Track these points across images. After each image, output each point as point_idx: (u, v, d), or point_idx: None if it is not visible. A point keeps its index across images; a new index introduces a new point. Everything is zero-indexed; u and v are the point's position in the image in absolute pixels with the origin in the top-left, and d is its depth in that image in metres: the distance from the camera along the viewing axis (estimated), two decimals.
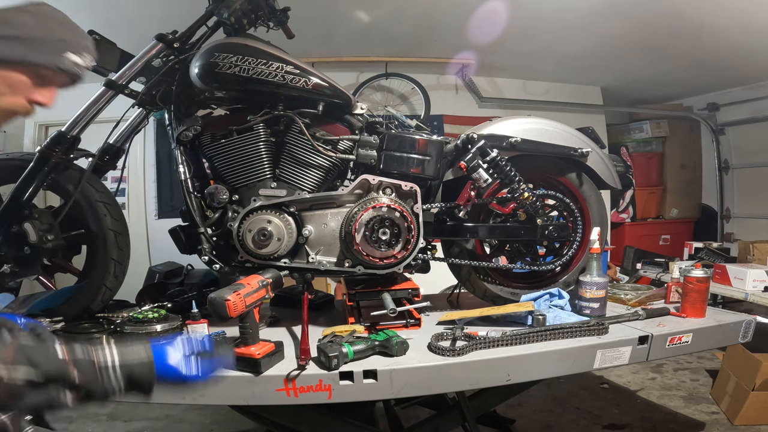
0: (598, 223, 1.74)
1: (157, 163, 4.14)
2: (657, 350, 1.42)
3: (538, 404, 2.63)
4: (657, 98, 5.01)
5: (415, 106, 4.07)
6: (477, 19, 3.06)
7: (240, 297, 1.12)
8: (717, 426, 2.34)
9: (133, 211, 4.11)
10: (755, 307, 2.64)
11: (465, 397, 1.68)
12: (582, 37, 3.40)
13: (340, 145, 1.58)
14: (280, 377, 1.17)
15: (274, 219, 1.47)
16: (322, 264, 1.53)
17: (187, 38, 1.54)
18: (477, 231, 1.66)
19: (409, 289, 1.58)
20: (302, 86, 1.48)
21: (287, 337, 1.48)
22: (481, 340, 1.34)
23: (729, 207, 4.94)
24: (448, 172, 1.64)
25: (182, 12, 1.69)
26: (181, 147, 1.50)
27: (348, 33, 3.43)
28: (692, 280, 1.59)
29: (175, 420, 2.62)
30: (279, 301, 1.91)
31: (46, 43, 0.91)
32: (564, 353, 1.33)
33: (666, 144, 4.94)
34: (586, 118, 4.37)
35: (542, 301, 1.63)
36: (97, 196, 1.52)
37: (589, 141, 1.70)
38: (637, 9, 2.91)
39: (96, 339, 1.34)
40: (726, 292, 2.68)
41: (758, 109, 4.43)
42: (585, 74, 4.34)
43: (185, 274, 3.31)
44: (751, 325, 1.55)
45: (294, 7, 1.60)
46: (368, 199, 1.52)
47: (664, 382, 2.93)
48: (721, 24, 3.03)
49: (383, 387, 1.20)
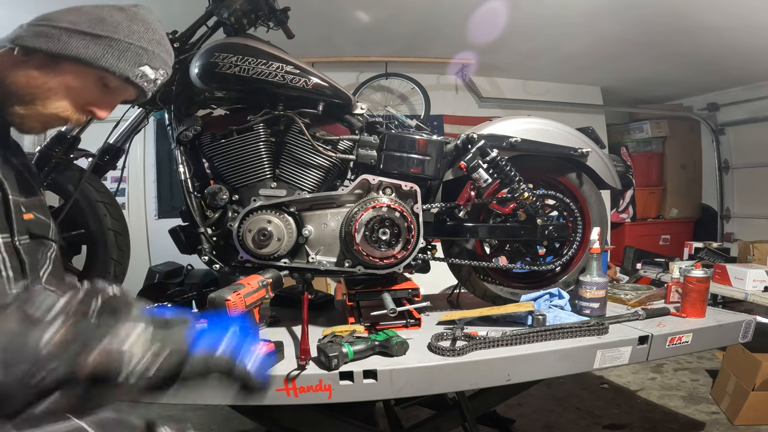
0: (598, 223, 1.74)
1: (157, 163, 4.14)
2: (657, 350, 1.42)
3: (538, 404, 2.63)
4: (657, 98, 5.01)
5: (415, 106, 4.07)
6: (477, 19, 3.06)
7: (240, 297, 1.12)
8: (717, 426, 2.34)
9: (133, 211, 4.10)
10: (755, 307, 2.64)
11: (465, 397, 1.68)
12: (582, 37, 3.40)
13: (340, 145, 1.58)
14: (280, 377, 1.17)
15: (274, 219, 1.47)
16: (322, 264, 1.53)
17: (187, 38, 1.54)
18: (477, 231, 1.66)
19: (409, 289, 1.58)
20: (302, 86, 1.48)
21: (287, 337, 1.48)
22: (481, 340, 1.34)
23: (729, 207, 4.94)
24: (448, 172, 1.64)
25: (182, 12, 1.68)
26: (181, 147, 1.50)
27: (348, 33, 3.43)
28: (692, 280, 1.59)
29: (176, 420, 2.62)
30: (279, 301, 1.91)
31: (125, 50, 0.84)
32: (564, 353, 1.33)
33: (666, 144, 4.94)
34: (586, 118, 4.37)
35: (542, 301, 1.63)
36: (97, 196, 1.52)
37: (589, 141, 1.70)
38: (637, 9, 2.91)
39: None
40: (726, 292, 2.68)
41: (758, 109, 4.43)
42: (585, 74, 4.34)
43: (185, 274, 3.32)
44: (751, 325, 1.55)
45: (294, 7, 1.60)
46: (368, 199, 1.52)
47: (664, 382, 2.93)
48: (721, 24, 3.03)
49: (383, 387, 1.20)
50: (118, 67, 0.84)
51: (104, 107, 0.89)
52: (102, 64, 0.82)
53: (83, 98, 0.85)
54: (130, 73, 0.85)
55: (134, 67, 0.86)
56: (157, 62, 0.89)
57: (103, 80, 0.85)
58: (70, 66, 0.82)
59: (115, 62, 0.83)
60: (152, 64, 0.88)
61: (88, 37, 0.82)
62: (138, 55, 0.86)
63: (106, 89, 0.87)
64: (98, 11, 0.85)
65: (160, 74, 0.91)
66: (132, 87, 0.89)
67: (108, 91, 0.87)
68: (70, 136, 1.49)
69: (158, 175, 4.14)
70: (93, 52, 0.81)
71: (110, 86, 0.86)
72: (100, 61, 0.82)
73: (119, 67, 0.84)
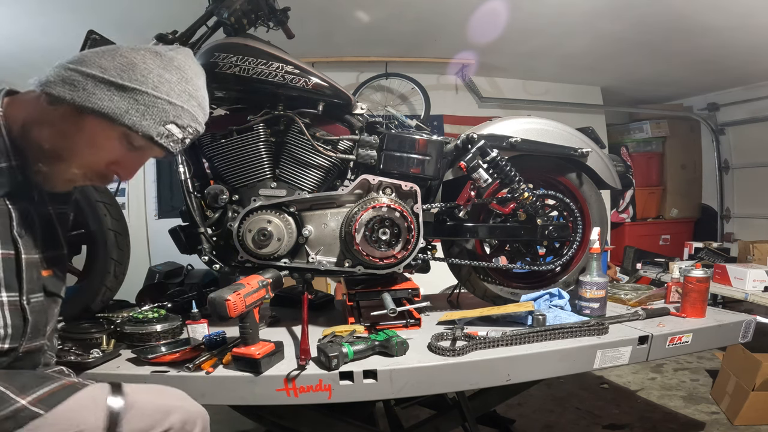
0: (598, 223, 1.74)
1: (157, 163, 4.13)
2: (657, 350, 1.42)
3: (538, 404, 2.63)
4: (657, 98, 5.01)
5: (415, 106, 4.07)
6: (477, 19, 3.06)
7: (240, 297, 1.12)
8: (717, 426, 2.34)
9: (133, 211, 4.11)
10: (755, 307, 2.64)
11: (465, 397, 1.68)
12: (582, 37, 3.40)
13: (340, 145, 1.58)
14: (280, 377, 1.17)
15: (274, 219, 1.47)
16: (322, 264, 1.53)
17: (187, 38, 1.54)
18: (477, 231, 1.66)
19: (409, 289, 1.58)
20: (302, 86, 1.48)
21: (287, 337, 1.48)
22: (481, 340, 1.34)
23: (729, 207, 4.94)
24: (448, 172, 1.64)
25: (182, 12, 1.69)
26: None
27: (348, 33, 3.43)
28: (692, 280, 1.59)
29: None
30: (279, 301, 1.91)
31: (151, 105, 0.76)
32: (564, 353, 1.33)
33: (666, 144, 4.94)
34: (586, 118, 4.37)
35: (542, 301, 1.63)
36: (97, 196, 1.52)
37: (589, 141, 1.70)
38: (637, 9, 2.91)
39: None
40: (726, 292, 2.67)
41: (758, 109, 4.43)
42: (585, 74, 4.34)
43: (185, 274, 3.31)
44: (751, 325, 1.55)
45: (294, 7, 1.60)
46: (368, 199, 1.52)
47: (664, 382, 2.93)
48: (721, 24, 3.03)
49: (383, 387, 1.20)
50: (141, 125, 0.76)
51: (128, 168, 0.82)
52: (124, 121, 0.75)
53: (107, 156, 0.79)
54: (154, 131, 0.78)
55: (158, 126, 0.78)
56: (185, 119, 0.80)
57: (127, 138, 0.78)
58: (94, 120, 0.75)
59: (138, 119, 0.76)
60: (179, 121, 0.80)
61: (113, 87, 0.74)
62: (164, 111, 0.78)
63: (132, 147, 0.80)
64: (132, 55, 0.77)
65: (189, 132, 0.82)
66: (157, 147, 0.81)
67: (133, 149, 0.80)
68: None
69: (158, 175, 4.14)
70: (117, 106, 0.74)
71: (135, 144, 0.79)
72: (123, 118, 0.75)
73: (143, 125, 0.76)
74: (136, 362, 1.26)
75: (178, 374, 1.19)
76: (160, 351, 1.26)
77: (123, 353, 1.33)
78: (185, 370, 1.19)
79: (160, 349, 1.28)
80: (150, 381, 1.18)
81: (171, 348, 1.28)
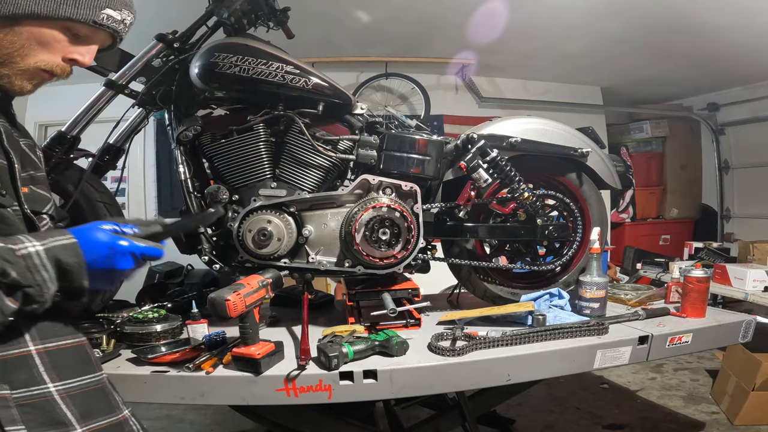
0: (598, 223, 1.74)
1: (157, 163, 4.14)
2: (657, 350, 1.42)
3: (538, 404, 2.63)
4: (657, 98, 5.01)
5: (415, 106, 4.07)
6: (477, 19, 3.07)
7: (240, 297, 1.12)
8: (717, 426, 2.34)
9: (133, 211, 4.11)
10: (755, 307, 2.64)
11: (465, 397, 1.68)
12: (582, 37, 3.40)
13: (340, 145, 1.58)
14: (280, 377, 1.17)
15: (274, 219, 1.47)
16: (322, 264, 1.53)
17: (187, 38, 1.54)
18: (477, 231, 1.66)
19: (409, 289, 1.58)
20: (302, 86, 1.48)
21: (287, 337, 1.48)
22: (481, 340, 1.34)
23: (729, 207, 4.94)
24: (448, 172, 1.64)
25: (182, 12, 1.69)
26: (181, 147, 1.50)
27: (348, 33, 3.43)
28: (692, 280, 1.59)
29: (175, 420, 2.62)
30: (279, 301, 1.91)
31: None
32: (564, 353, 1.33)
33: (666, 144, 4.94)
34: (586, 118, 4.37)
35: (542, 301, 1.63)
36: (97, 196, 1.52)
37: (589, 141, 1.70)
38: (637, 9, 2.91)
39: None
40: (726, 292, 2.67)
41: (758, 109, 4.43)
42: (585, 74, 4.34)
43: (185, 274, 3.31)
44: (751, 325, 1.55)
45: (294, 7, 1.60)
46: (368, 199, 1.52)
47: (664, 382, 2.94)
48: (721, 24, 3.03)
49: (383, 387, 1.20)
50: (78, 14, 0.81)
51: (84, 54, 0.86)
52: (61, 15, 0.80)
53: (59, 50, 0.83)
54: (95, 17, 0.83)
55: (95, 11, 0.83)
56: (116, 3, 0.86)
57: (70, 30, 0.83)
58: (32, 23, 0.79)
59: (73, 10, 0.80)
60: (112, 5, 0.85)
61: None
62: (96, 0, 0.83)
63: (77, 38, 0.84)
64: None
65: (126, 14, 0.88)
66: (102, 31, 0.86)
67: (80, 39, 0.85)
68: (70, 136, 1.49)
69: (158, 175, 4.14)
70: (47, 5, 0.78)
71: (80, 34, 0.84)
72: (58, 12, 0.79)
73: (80, 13, 0.81)
74: (136, 362, 1.26)
75: (178, 374, 1.19)
76: (160, 351, 1.26)
77: (123, 353, 1.33)
78: (185, 370, 1.19)
79: (160, 349, 1.28)
80: (150, 381, 1.19)
81: (171, 348, 1.28)
